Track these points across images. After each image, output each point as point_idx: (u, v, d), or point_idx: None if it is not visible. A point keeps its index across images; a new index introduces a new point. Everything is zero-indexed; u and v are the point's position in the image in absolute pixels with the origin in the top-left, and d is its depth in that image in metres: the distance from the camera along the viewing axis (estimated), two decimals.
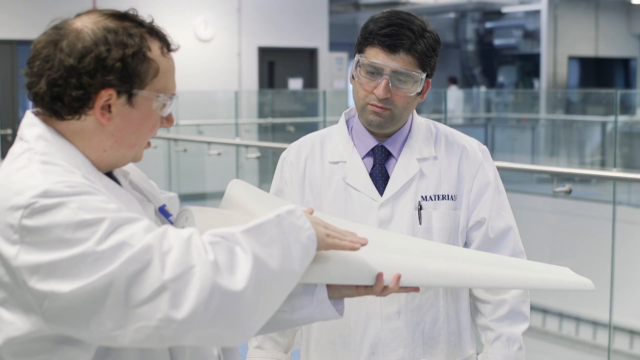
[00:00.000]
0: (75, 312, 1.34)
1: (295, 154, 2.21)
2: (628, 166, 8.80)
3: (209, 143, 7.52)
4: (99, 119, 1.47)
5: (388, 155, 2.15)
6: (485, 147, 2.24)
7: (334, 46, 13.85)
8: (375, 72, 2.04)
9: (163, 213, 1.65)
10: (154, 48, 1.50)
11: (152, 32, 1.51)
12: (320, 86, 13.00)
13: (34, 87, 1.47)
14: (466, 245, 2.17)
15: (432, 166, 2.15)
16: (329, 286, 1.65)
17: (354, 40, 2.12)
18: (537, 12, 17.22)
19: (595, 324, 6.28)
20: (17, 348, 1.41)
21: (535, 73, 18.23)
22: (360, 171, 2.14)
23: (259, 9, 12.57)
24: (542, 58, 16.31)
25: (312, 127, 9.68)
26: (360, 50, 2.07)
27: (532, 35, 18.52)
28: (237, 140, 7.41)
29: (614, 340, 5.67)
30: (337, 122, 2.24)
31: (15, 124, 10.63)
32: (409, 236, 2.02)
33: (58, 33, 1.47)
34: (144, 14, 1.55)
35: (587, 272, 1.85)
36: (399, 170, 2.13)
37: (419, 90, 2.07)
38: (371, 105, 2.07)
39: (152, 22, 1.53)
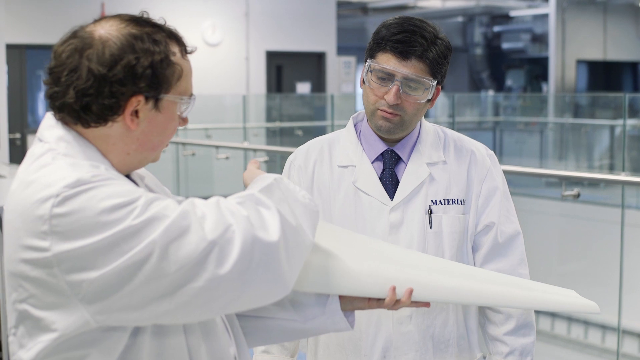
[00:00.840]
0: (117, 288, 1.34)
1: (304, 158, 2.21)
2: (636, 170, 8.78)
3: (217, 147, 7.52)
4: (128, 124, 1.48)
5: (397, 159, 2.16)
6: (492, 152, 2.24)
7: (341, 50, 13.86)
8: (386, 77, 2.05)
9: None
10: (176, 52, 1.51)
11: (172, 36, 1.52)
12: (328, 90, 13.01)
13: (62, 98, 1.46)
14: (473, 249, 2.17)
15: (442, 171, 2.15)
16: (341, 298, 1.68)
17: (362, 44, 2.12)
18: (545, 16, 17.18)
19: (604, 327, 6.26)
20: (55, 347, 1.39)
21: (544, 77, 18.19)
22: (370, 175, 2.14)
23: (267, 13, 12.59)
24: (550, 62, 16.27)
25: (320, 131, 9.69)
26: (371, 55, 2.07)
27: (540, 39, 18.49)
28: (245, 144, 7.43)
29: (622, 344, 5.65)
30: (345, 126, 2.25)
31: (24, 128, 10.67)
32: (420, 252, 2.02)
33: (82, 41, 1.46)
34: (154, 18, 1.55)
35: (596, 276, 1.86)
36: (409, 175, 2.13)
37: (429, 97, 2.07)
38: (381, 110, 2.07)
39: (166, 24, 1.54)
